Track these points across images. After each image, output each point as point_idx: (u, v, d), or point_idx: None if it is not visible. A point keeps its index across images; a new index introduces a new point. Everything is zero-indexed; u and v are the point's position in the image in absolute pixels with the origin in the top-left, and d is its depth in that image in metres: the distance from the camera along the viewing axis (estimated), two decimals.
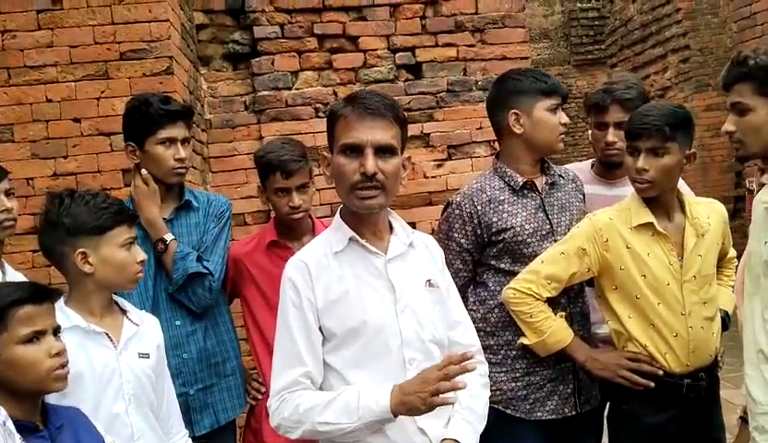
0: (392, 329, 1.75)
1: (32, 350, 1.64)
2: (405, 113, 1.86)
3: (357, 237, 1.78)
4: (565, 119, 2.34)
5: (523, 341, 2.27)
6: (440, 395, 1.59)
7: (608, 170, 2.72)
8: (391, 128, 1.74)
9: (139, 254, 2.01)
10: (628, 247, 2.23)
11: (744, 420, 1.99)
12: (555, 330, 2.24)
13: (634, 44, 9.46)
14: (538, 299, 2.23)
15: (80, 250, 1.91)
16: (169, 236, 2.41)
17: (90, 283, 1.94)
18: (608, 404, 2.43)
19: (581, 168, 2.79)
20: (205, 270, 2.41)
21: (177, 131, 2.43)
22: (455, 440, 1.76)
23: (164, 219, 2.46)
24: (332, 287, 1.75)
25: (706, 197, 2.50)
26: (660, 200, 2.25)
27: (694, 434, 2.26)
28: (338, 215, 1.84)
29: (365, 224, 1.79)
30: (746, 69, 1.87)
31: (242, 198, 3.64)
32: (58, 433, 1.67)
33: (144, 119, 2.40)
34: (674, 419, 2.24)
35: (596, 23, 11.23)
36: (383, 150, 1.71)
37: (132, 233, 2.01)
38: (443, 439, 1.75)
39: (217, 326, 2.53)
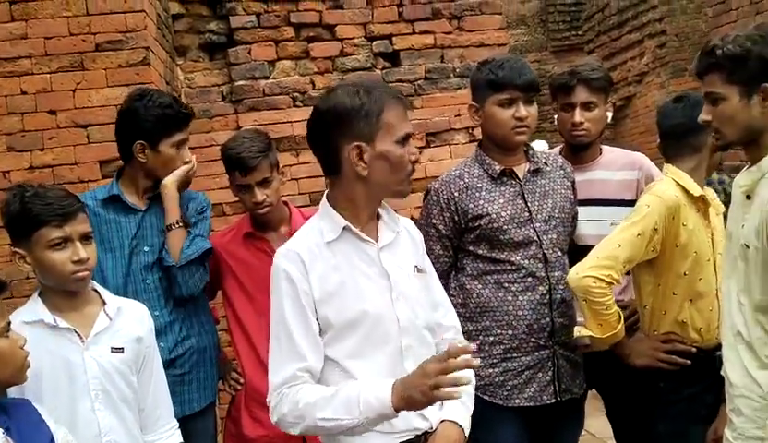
0: (390, 318, 1.75)
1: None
2: None
3: (351, 226, 1.75)
4: (522, 113, 2.30)
5: (584, 332, 2.28)
6: (443, 389, 1.55)
7: (576, 154, 2.68)
8: None
9: (77, 253, 1.92)
10: (684, 224, 2.28)
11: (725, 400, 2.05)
12: (622, 324, 2.29)
13: (611, 30, 9.51)
14: (612, 288, 2.26)
15: (18, 250, 1.92)
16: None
17: (45, 282, 1.95)
18: (640, 385, 2.45)
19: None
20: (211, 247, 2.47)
21: (187, 133, 2.49)
22: (453, 421, 1.78)
23: (139, 210, 2.46)
24: (328, 277, 1.72)
25: None
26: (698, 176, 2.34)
27: None
28: (326, 203, 1.80)
29: (361, 212, 1.78)
30: (714, 59, 1.87)
31: (220, 189, 3.62)
32: (5, 435, 1.65)
33: (161, 120, 2.40)
34: (708, 388, 2.29)
35: (573, 9, 11.24)
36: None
37: (61, 232, 1.90)
38: (441, 421, 1.77)
39: (195, 316, 2.53)
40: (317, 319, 1.71)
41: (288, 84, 3.96)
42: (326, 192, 1.82)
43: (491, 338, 2.32)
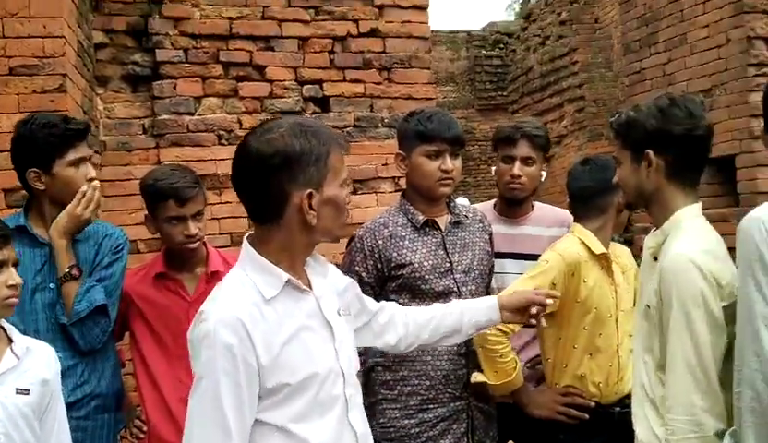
0: (336, 371, 1.60)
1: None
2: None
3: (293, 279, 1.57)
4: (448, 165, 2.32)
5: (480, 377, 2.28)
6: None
7: (509, 207, 2.74)
8: None
9: (12, 277, 1.84)
10: (584, 281, 2.35)
11: None
12: (518, 372, 2.32)
13: (534, 92, 9.89)
14: (508, 337, 2.30)
15: None
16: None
17: None
18: (542, 437, 2.46)
19: (484, 208, 2.80)
20: (105, 302, 2.29)
21: (85, 150, 2.34)
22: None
23: (47, 243, 2.30)
24: (273, 340, 1.51)
25: None
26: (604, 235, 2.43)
27: None
28: (254, 252, 1.58)
29: (297, 260, 1.62)
30: (614, 127, 2.02)
31: (136, 225, 3.48)
32: None
33: (48, 142, 2.24)
34: (608, 441, 2.37)
35: (499, 70, 11.68)
36: None
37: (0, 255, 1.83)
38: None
39: (100, 360, 2.36)
40: (258, 393, 1.50)
41: (214, 121, 3.88)
42: (247, 238, 1.62)
43: (408, 388, 2.30)
